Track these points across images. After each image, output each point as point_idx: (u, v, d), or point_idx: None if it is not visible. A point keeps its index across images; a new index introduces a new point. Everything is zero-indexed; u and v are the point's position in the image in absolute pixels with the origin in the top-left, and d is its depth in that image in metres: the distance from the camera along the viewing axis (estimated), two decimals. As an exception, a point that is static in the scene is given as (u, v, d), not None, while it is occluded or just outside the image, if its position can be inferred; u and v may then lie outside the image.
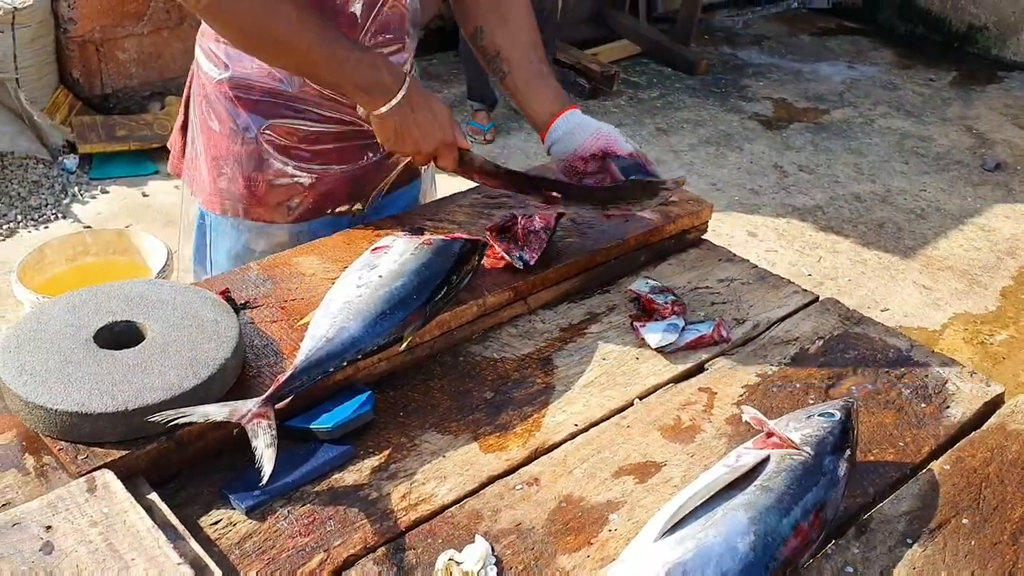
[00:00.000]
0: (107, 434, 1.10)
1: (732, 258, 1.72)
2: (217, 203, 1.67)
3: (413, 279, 1.31)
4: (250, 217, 1.66)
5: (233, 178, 1.64)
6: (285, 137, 1.60)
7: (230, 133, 1.62)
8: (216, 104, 1.62)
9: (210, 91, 1.63)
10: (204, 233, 1.73)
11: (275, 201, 1.65)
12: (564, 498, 1.17)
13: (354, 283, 1.31)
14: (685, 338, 1.45)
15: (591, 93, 5.48)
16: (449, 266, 1.36)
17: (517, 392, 1.34)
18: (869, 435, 1.30)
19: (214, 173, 1.66)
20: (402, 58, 1.63)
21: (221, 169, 1.65)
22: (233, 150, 1.62)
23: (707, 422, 1.31)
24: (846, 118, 5.63)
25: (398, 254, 1.36)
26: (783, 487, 1.06)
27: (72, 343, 1.18)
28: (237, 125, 1.61)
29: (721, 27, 6.93)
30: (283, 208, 1.66)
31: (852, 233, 4.37)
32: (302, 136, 1.61)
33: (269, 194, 1.64)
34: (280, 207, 1.66)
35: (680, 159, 4.93)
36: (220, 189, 1.66)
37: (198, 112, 1.67)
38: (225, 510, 1.12)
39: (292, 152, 1.62)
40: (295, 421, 1.22)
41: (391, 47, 1.61)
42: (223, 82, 1.60)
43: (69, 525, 1.00)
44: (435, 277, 1.34)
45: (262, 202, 1.65)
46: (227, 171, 1.64)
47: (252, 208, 1.66)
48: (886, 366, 1.44)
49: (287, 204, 1.66)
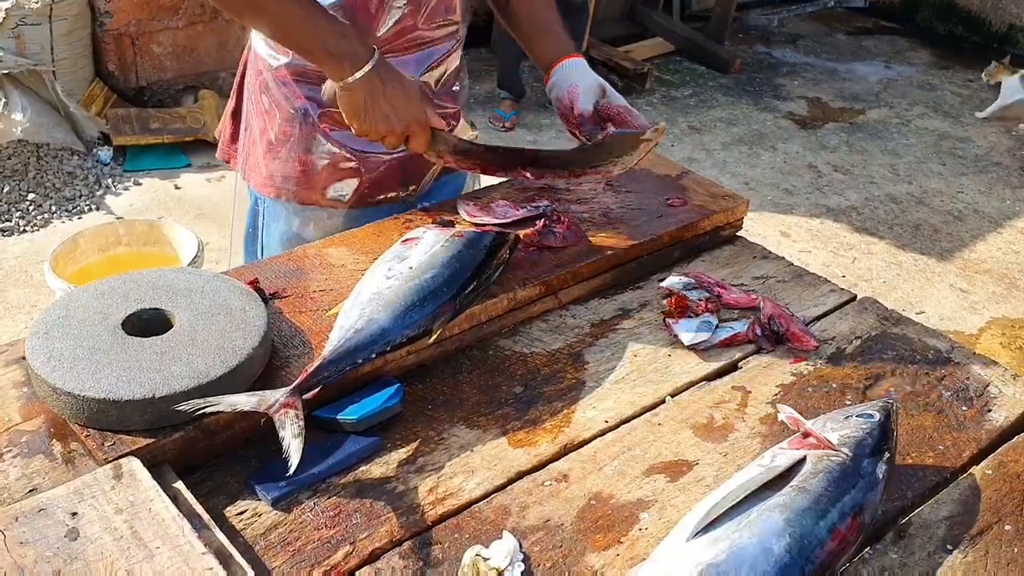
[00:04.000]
0: (134, 421, 1.09)
1: (768, 255, 1.68)
2: (271, 187, 1.68)
3: (443, 271, 1.30)
4: (303, 201, 1.68)
5: (288, 161, 1.65)
6: (340, 122, 1.58)
7: (288, 117, 1.63)
8: (274, 89, 1.64)
9: (267, 76, 1.64)
10: (256, 217, 1.75)
11: (328, 185, 1.66)
12: (594, 495, 1.15)
13: (384, 274, 1.30)
14: (719, 336, 1.43)
15: (624, 90, 5.40)
16: (480, 259, 1.35)
17: (547, 387, 1.32)
18: (908, 438, 1.27)
19: (269, 157, 1.67)
20: (450, 44, 1.64)
21: (277, 153, 1.66)
22: (290, 134, 1.64)
23: (740, 421, 1.28)
24: (882, 118, 5.55)
25: (428, 246, 1.35)
26: (820, 489, 1.04)
27: (100, 330, 1.17)
28: (295, 109, 1.62)
29: (755, 25, 6.85)
30: (336, 193, 1.67)
31: (887, 235, 4.30)
32: None
33: (322, 178, 1.65)
34: (333, 192, 1.67)
35: (713, 158, 4.88)
36: (273, 173, 1.67)
37: (254, 98, 1.69)
38: (251, 500, 1.10)
39: (346, 137, 1.61)
40: (322, 411, 1.21)
41: (443, 27, 1.62)
42: (281, 68, 1.61)
43: (95, 512, 1.00)
44: (465, 270, 1.32)
45: (315, 186, 1.66)
46: (282, 154, 1.66)
47: (305, 192, 1.67)
48: (926, 367, 1.41)
49: (340, 189, 1.67)
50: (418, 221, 1.57)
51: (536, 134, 4.89)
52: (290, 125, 1.64)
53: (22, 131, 3.71)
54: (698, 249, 1.67)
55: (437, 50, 1.66)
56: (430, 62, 1.66)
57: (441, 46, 1.66)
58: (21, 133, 3.70)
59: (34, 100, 3.85)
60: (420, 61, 1.64)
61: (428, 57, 1.65)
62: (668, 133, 5.09)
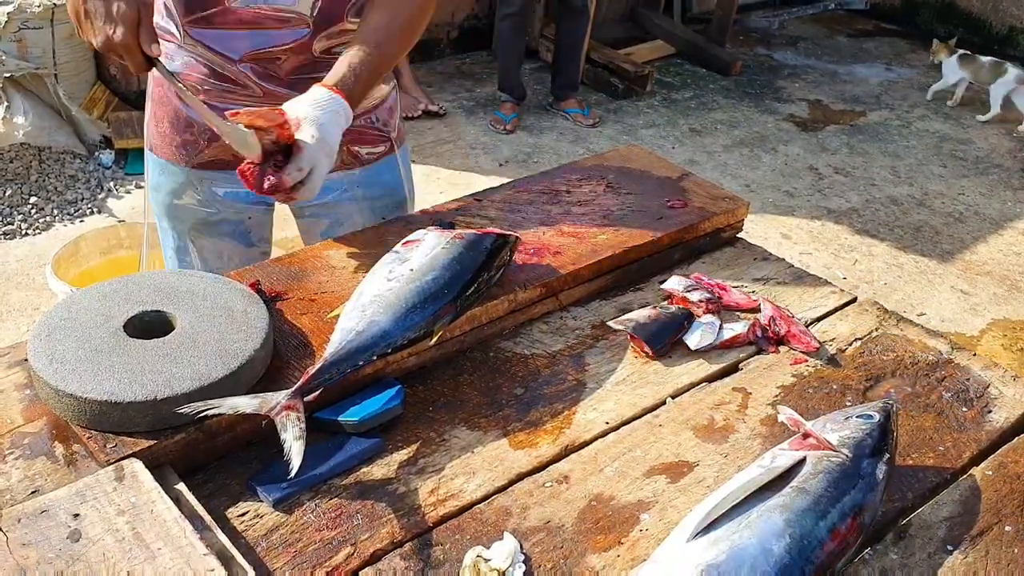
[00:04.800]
0: (136, 423, 1.09)
1: (768, 257, 1.69)
2: (146, 135, 1.82)
3: (444, 273, 1.30)
4: (158, 154, 1.77)
5: (150, 113, 1.78)
6: (188, 84, 1.62)
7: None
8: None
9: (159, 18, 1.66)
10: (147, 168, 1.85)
11: (176, 140, 1.73)
12: (594, 496, 1.15)
13: (384, 276, 1.30)
14: (720, 337, 1.43)
15: (624, 93, 5.44)
16: (480, 261, 1.35)
17: (548, 389, 1.32)
18: (908, 439, 1.27)
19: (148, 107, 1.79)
20: (296, 33, 1.59)
21: (150, 103, 1.78)
22: (151, 88, 1.76)
23: (741, 422, 1.28)
24: (883, 120, 5.55)
25: (429, 248, 1.35)
26: (820, 489, 1.04)
27: (102, 332, 1.17)
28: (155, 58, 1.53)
29: (756, 28, 6.86)
30: (183, 149, 1.73)
31: (888, 236, 4.30)
32: (202, 87, 1.65)
33: (170, 132, 1.73)
34: (181, 147, 1.73)
35: (714, 160, 4.89)
36: (147, 123, 1.80)
37: None
38: (252, 502, 1.11)
39: (195, 91, 1.64)
40: (323, 413, 1.21)
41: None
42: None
43: (96, 514, 1.00)
44: (466, 272, 1.32)
45: (166, 139, 1.74)
46: (150, 105, 1.77)
47: (159, 146, 1.76)
48: (926, 369, 1.41)
49: (185, 144, 1.73)
50: (418, 224, 1.57)
51: (537, 137, 4.90)
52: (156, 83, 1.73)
53: (24, 134, 3.72)
54: (698, 251, 1.67)
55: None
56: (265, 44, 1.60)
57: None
58: (23, 136, 3.71)
59: (36, 104, 3.86)
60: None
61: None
62: (669, 136, 5.10)
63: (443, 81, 5.38)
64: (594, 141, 4.89)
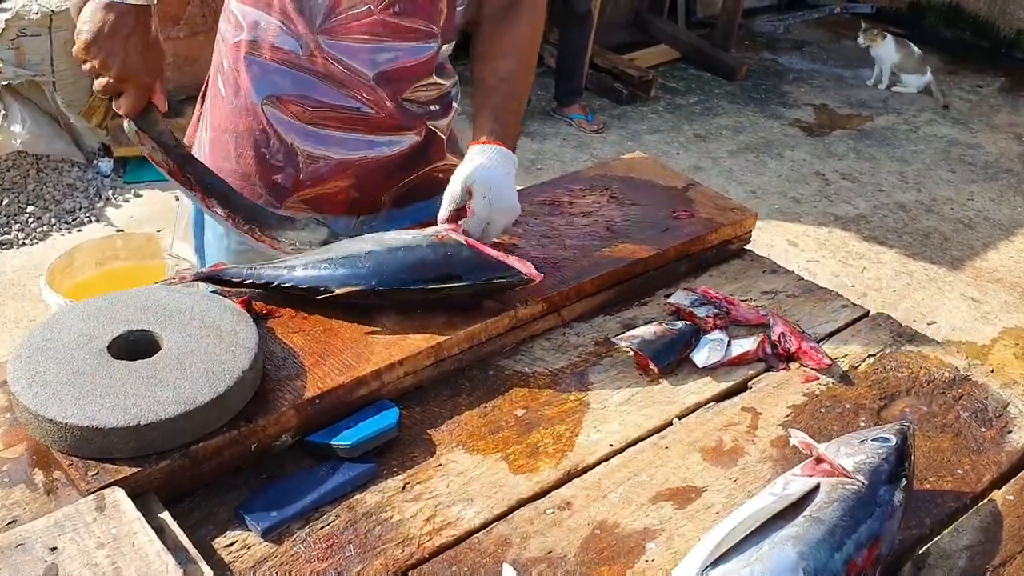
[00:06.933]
0: (119, 450, 1.04)
1: (776, 269, 1.64)
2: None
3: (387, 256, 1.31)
4: None
5: (228, 155, 1.57)
6: (286, 112, 1.51)
7: (232, 101, 1.54)
8: (228, 71, 1.54)
9: (225, 56, 1.55)
10: (201, 215, 1.65)
11: (267, 184, 1.56)
12: (598, 524, 1.10)
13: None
14: (728, 354, 1.38)
15: (628, 98, 5.40)
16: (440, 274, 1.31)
17: (549, 409, 1.27)
18: (925, 461, 1.22)
19: (215, 148, 1.58)
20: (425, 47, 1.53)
21: (221, 142, 1.58)
22: (232, 120, 1.55)
23: (751, 444, 1.23)
24: (890, 125, 5.50)
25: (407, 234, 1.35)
26: (835, 519, 0.99)
27: (85, 353, 1.13)
28: (240, 94, 1.52)
29: (761, 32, 6.81)
30: (275, 194, 1.57)
31: (897, 243, 4.25)
32: (305, 113, 1.52)
33: (261, 174, 1.55)
34: (272, 192, 1.57)
35: (719, 166, 4.84)
36: (218, 167, 1.55)
37: (212, 85, 1.60)
38: (241, 531, 1.06)
39: (291, 130, 1.53)
40: (316, 436, 1.16)
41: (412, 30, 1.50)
42: (239, 43, 1.51)
43: (75, 547, 0.95)
44: (413, 270, 1.30)
45: (254, 184, 1.56)
46: (226, 145, 1.57)
47: (243, 190, 1.54)
48: (942, 386, 1.36)
49: (278, 190, 1.56)
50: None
51: (541, 143, 4.85)
52: (233, 111, 1.54)
53: (21, 143, 3.68)
54: (705, 263, 1.62)
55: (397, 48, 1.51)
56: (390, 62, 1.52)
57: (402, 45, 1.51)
58: (21, 145, 3.67)
59: (34, 111, 3.82)
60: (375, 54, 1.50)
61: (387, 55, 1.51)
62: (674, 141, 5.05)
63: (446, 87, 5.33)
64: (598, 147, 4.85)
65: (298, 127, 1.53)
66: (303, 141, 1.54)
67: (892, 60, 5.93)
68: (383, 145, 1.58)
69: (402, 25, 1.49)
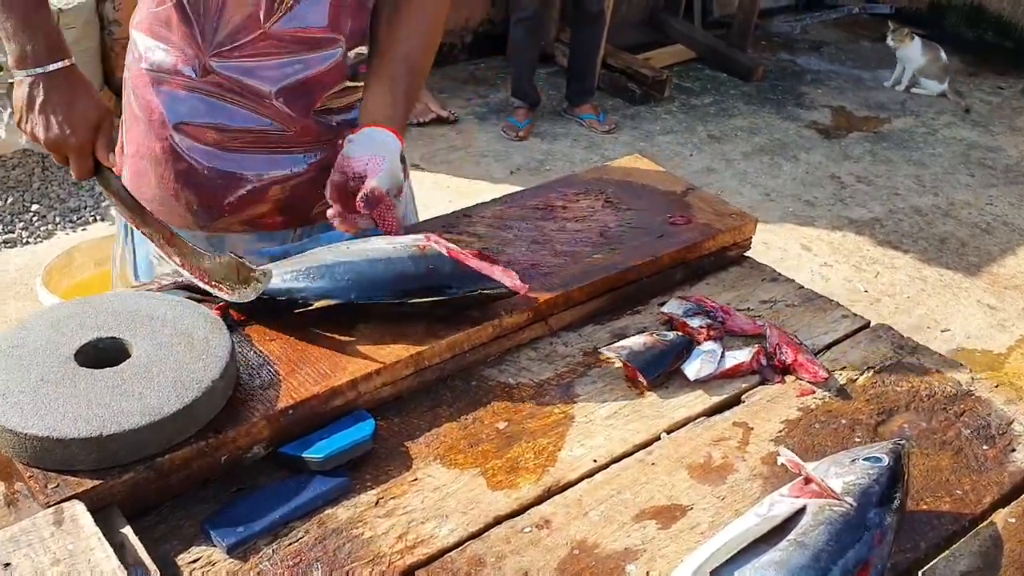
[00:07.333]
0: (80, 461, 1.01)
1: (776, 278, 1.59)
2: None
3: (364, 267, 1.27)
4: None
5: (148, 181, 1.53)
6: (199, 138, 1.48)
7: (145, 128, 1.51)
8: (139, 98, 1.51)
9: (135, 84, 1.51)
10: (127, 235, 1.61)
11: (191, 209, 1.52)
12: (577, 544, 1.06)
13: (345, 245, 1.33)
14: (721, 366, 1.33)
15: (642, 98, 5.34)
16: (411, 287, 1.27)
17: (532, 422, 1.23)
18: (922, 480, 1.17)
19: (135, 173, 1.54)
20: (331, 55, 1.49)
21: (140, 167, 1.53)
22: (148, 146, 1.50)
23: (741, 461, 1.19)
24: (908, 127, 5.42)
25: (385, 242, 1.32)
26: (820, 543, 0.94)
27: (52, 361, 1.10)
28: (152, 120, 1.49)
29: (779, 32, 6.74)
30: (193, 214, 1.52)
31: (912, 248, 4.17)
32: (215, 137, 1.48)
33: (184, 199, 1.51)
34: (191, 212, 1.52)
35: (733, 168, 4.77)
36: (136, 188, 1.51)
37: (126, 104, 1.56)
38: (206, 547, 1.03)
39: (204, 156, 1.49)
40: (288, 448, 1.13)
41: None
42: (143, 71, 1.48)
43: (29, 563, 0.92)
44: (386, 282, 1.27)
45: (177, 208, 1.52)
46: (145, 170, 1.52)
47: (165, 212, 1.51)
48: (943, 401, 1.31)
49: (205, 212, 1.52)
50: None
51: (551, 143, 4.81)
52: (147, 135, 1.51)
53: (27, 141, 3.67)
54: (702, 271, 1.58)
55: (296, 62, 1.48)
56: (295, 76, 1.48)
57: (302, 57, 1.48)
58: (26, 143, 3.66)
59: (42, 110, 3.82)
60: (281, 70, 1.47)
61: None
62: (688, 142, 4.99)
63: (456, 87, 5.30)
64: (609, 148, 4.80)
65: (211, 152, 1.49)
66: (219, 164, 1.50)
67: (917, 63, 5.84)
68: (300, 162, 1.53)
69: (299, 36, 1.45)
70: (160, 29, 1.45)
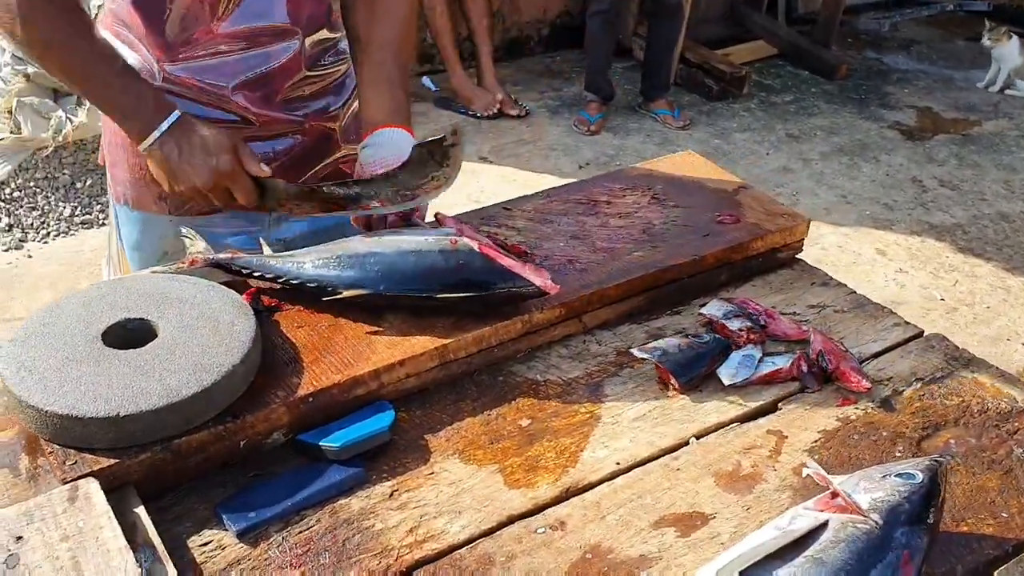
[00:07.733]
0: (98, 440, 1.03)
1: (827, 282, 1.53)
2: (115, 190, 1.58)
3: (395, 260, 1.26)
4: (138, 208, 1.55)
5: (120, 163, 1.54)
6: None
7: None
8: None
9: None
10: (116, 225, 1.63)
11: (157, 190, 1.50)
12: (591, 548, 1.03)
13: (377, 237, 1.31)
14: (759, 371, 1.29)
15: (719, 95, 5.23)
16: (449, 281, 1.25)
17: (556, 421, 1.20)
18: (965, 500, 1.11)
19: (109, 156, 1.57)
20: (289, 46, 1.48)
21: (114, 153, 1.55)
22: (120, 132, 1.47)
23: (771, 470, 1.14)
24: (999, 130, 5.19)
25: (418, 234, 1.29)
26: (839, 561, 0.90)
27: (79, 340, 1.11)
28: None
29: (866, 30, 6.52)
30: (164, 199, 1.52)
31: (995, 256, 3.99)
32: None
33: (152, 181, 1.48)
34: (162, 198, 1.52)
35: (810, 168, 4.64)
36: (114, 175, 1.56)
37: None
38: (218, 530, 1.03)
39: None
40: (306, 436, 1.13)
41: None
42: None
43: (40, 537, 0.94)
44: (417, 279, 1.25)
45: (144, 190, 1.53)
46: (117, 155, 1.55)
47: (138, 197, 1.53)
48: (995, 418, 1.24)
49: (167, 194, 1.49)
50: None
51: (623, 138, 4.75)
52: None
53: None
54: (749, 272, 1.52)
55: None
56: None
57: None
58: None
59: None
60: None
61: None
62: (764, 140, 4.87)
63: (531, 80, 5.26)
64: (682, 144, 4.71)
65: None
66: None
67: (1014, 63, 5.59)
68: (266, 150, 1.52)
69: (253, 30, 1.43)
70: (121, 29, 1.45)
